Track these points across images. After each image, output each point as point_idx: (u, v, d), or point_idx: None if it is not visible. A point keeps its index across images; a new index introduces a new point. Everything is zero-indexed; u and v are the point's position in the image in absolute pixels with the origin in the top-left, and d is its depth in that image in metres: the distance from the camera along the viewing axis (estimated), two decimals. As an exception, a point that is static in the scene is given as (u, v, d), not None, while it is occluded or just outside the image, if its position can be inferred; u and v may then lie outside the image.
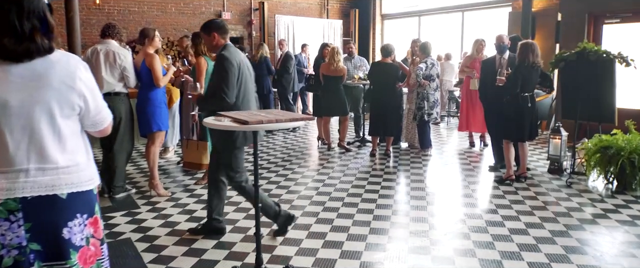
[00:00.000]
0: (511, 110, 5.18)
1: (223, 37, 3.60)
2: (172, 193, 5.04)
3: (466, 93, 7.45)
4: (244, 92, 3.52)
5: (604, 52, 5.08)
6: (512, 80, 5.08)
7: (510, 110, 5.18)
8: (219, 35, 3.57)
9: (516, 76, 5.06)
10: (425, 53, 6.90)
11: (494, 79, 5.36)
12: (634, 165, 4.96)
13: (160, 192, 4.96)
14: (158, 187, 4.96)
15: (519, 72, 5.06)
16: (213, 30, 3.57)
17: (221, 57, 3.43)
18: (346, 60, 8.15)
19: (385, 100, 6.78)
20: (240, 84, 3.48)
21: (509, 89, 5.15)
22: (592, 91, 5.23)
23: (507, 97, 5.20)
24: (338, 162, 6.58)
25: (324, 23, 13.66)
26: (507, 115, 5.24)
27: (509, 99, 5.18)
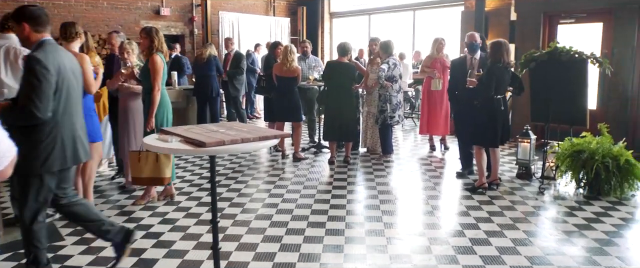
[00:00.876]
0: (484, 114, 4.83)
1: (38, 30, 2.81)
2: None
3: (427, 94, 7.10)
4: (65, 104, 2.81)
5: (576, 53, 4.84)
6: (486, 82, 4.73)
7: (483, 114, 4.84)
8: (31, 27, 2.79)
9: (490, 77, 4.71)
10: (387, 52, 6.46)
11: (465, 80, 4.99)
12: (608, 169, 4.75)
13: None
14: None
15: (492, 73, 4.72)
16: (23, 20, 2.79)
17: (31, 59, 2.65)
18: (300, 60, 7.60)
19: (341, 102, 6.27)
20: (61, 95, 2.77)
21: (481, 91, 4.80)
22: (563, 92, 4.98)
23: (479, 100, 4.85)
24: (295, 172, 6.01)
25: (270, 21, 13.03)
26: (479, 119, 4.89)
27: (481, 102, 4.84)
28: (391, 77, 6.36)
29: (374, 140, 7.07)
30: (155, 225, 4.09)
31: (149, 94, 4.39)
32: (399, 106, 6.52)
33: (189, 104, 8.40)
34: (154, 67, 4.31)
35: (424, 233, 3.91)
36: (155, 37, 4.37)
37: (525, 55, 5.15)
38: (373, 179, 5.60)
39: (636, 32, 6.92)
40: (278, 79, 6.58)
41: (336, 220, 4.21)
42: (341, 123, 6.28)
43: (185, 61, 10.39)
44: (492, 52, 4.78)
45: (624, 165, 4.77)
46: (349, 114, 6.34)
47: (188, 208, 4.54)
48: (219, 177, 5.75)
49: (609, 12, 7.22)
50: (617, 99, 7.09)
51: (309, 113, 7.80)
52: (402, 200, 4.81)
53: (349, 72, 6.30)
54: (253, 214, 4.38)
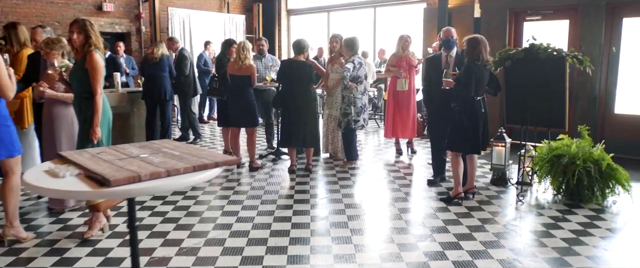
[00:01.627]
0: (464, 117, 4.40)
1: None
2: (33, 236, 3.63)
3: (392, 95, 6.66)
4: None
5: (554, 50, 4.48)
6: (465, 81, 4.30)
7: (463, 117, 4.41)
8: None
9: (469, 77, 4.29)
10: (352, 50, 5.95)
11: (440, 80, 4.55)
12: (591, 175, 4.43)
13: (22, 235, 3.66)
14: (18, 230, 3.64)
15: (471, 72, 4.30)
16: None
17: None
18: (256, 60, 7.01)
19: (300, 104, 5.71)
20: None
21: (460, 92, 4.37)
22: (540, 93, 4.62)
23: (457, 102, 4.43)
24: (252, 183, 5.42)
25: (224, 18, 12.31)
26: (457, 123, 4.46)
27: (460, 105, 4.41)
28: (356, 78, 5.86)
29: (336, 145, 6.57)
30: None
31: (83, 99, 3.71)
32: (364, 109, 6.03)
33: (134, 108, 7.63)
34: (94, 67, 3.64)
35: (401, 256, 3.42)
36: (92, 31, 3.69)
37: (500, 53, 4.76)
38: (338, 190, 5.08)
39: (603, 30, 6.73)
40: (232, 78, 5.96)
41: (299, 243, 3.65)
42: (300, 127, 5.73)
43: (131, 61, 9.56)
44: (469, 49, 4.36)
45: (606, 170, 4.46)
46: (309, 117, 5.80)
47: (120, 207, 3.87)
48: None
49: (575, 9, 7.00)
50: (585, 98, 6.89)
51: (266, 116, 7.22)
52: (372, 215, 4.31)
53: (306, 71, 5.75)
54: (203, 239, 3.76)
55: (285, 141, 5.86)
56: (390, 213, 4.36)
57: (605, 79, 6.81)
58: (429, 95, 5.13)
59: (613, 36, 6.78)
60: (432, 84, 5.06)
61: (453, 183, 4.75)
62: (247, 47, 5.93)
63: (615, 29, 6.76)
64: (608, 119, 6.90)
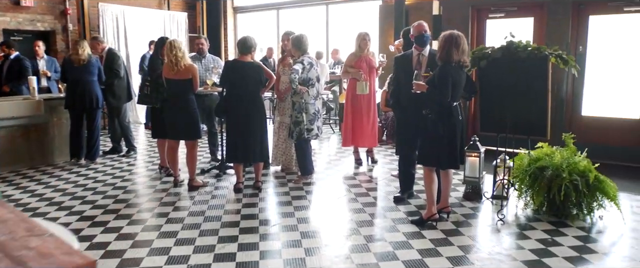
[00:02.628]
0: (439, 126, 3.78)
1: None
2: None
3: (351, 100, 5.98)
4: None
5: (536, 49, 3.94)
6: (440, 86, 3.67)
7: (438, 127, 3.78)
8: None
9: (445, 80, 3.67)
10: (300, 50, 5.22)
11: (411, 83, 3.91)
12: (578, 189, 3.92)
13: None
14: None
15: (447, 74, 3.68)
16: None
17: None
18: (195, 60, 6.16)
19: (247, 113, 4.93)
20: None
21: (434, 97, 3.74)
22: (520, 96, 4.08)
23: (431, 109, 3.80)
24: (190, 208, 4.58)
25: (164, 15, 11.28)
26: (432, 134, 3.83)
27: (436, 112, 3.78)
28: (307, 80, 5.14)
29: (289, 156, 5.83)
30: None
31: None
32: (318, 116, 5.31)
33: (54, 118, 6.58)
34: None
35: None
36: None
37: (474, 52, 4.19)
38: (292, 213, 4.34)
39: (570, 28, 6.36)
40: (168, 83, 5.11)
41: (245, 291, 2.89)
42: (248, 139, 4.94)
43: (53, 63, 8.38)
44: (441, 47, 3.74)
45: (593, 183, 3.97)
46: (258, 127, 5.02)
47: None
48: (95, 212, 4.16)
49: (540, 6, 6.61)
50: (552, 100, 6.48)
51: (209, 124, 6.38)
52: (334, 247, 3.60)
53: (254, 73, 4.97)
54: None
55: (231, 156, 5.05)
56: (355, 243, 3.66)
57: (572, 80, 6.44)
58: (397, 99, 4.48)
59: (579, 35, 6.43)
60: (402, 86, 4.42)
61: (425, 202, 4.13)
62: (177, 46, 5.06)
63: (582, 28, 6.41)
64: (575, 122, 6.55)
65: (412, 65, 4.28)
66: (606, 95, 6.35)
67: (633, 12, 6.04)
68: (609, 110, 6.38)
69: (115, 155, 6.96)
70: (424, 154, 3.96)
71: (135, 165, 6.36)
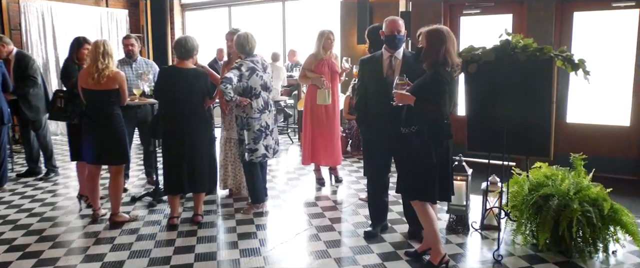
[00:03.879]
0: (432, 151, 2.94)
1: None
2: None
3: (311, 110, 5.09)
4: None
5: (538, 49, 3.16)
6: (438, 96, 2.85)
7: (431, 151, 2.94)
8: None
9: (443, 89, 2.86)
10: (243, 51, 4.27)
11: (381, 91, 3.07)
12: (592, 222, 3.17)
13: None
14: None
15: (444, 83, 2.87)
16: None
17: None
18: (124, 65, 5.17)
19: (189, 131, 3.97)
20: None
21: (427, 113, 2.90)
22: (517, 109, 3.30)
23: (419, 128, 2.96)
24: (106, 254, 3.57)
25: (100, 13, 10.05)
26: (423, 160, 2.97)
27: (428, 131, 2.94)
28: (248, 90, 4.20)
29: (239, 178, 4.89)
30: None
31: None
32: (265, 133, 4.34)
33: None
34: None
35: None
36: None
37: (461, 54, 3.37)
38: (237, 261, 3.41)
39: (553, 26, 5.70)
40: (86, 94, 4.09)
41: None
42: (190, 165, 3.98)
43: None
44: (430, 50, 2.90)
45: (609, 214, 3.24)
46: (204, 149, 4.06)
47: None
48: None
49: (520, 2, 5.93)
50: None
51: (144, 141, 5.37)
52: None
53: (198, 82, 4.01)
54: None
55: (170, 187, 4.06)
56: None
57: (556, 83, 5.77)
58: (364, 112, 3.61)
59: (563, 33, 5.77)
60: (369, 96, 3.56)
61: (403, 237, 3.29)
62: (108, 50, 4.06)
63: (566, 25, 5.76)
64: (560, 129, 5.87)
65: (381, 70, 3.43)
66: (593, 99, 5.72)
67: (622, 7, 5.42)
68: (597, 117, 5.75)
69: (31, 179, 5.81)
70: (414, 187, 3.08)
71: (53, 193, 5.25)
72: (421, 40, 3.04)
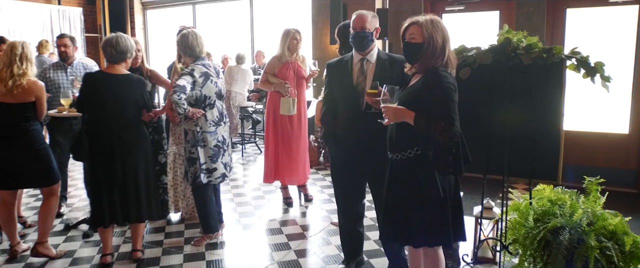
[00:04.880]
0: (438, 183, 2.26)
1: None
2: None
3: (273, 121, 4.43)
4: None
5: (544, 51, 2.56)
6: (450, 109, 2.17)
7: (438, 183, 2.25)
8: None
9: (452, 98, 2.19)
10: (192, 54, 3.60)
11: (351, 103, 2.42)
12: (612, 261, 2.59)
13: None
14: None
15: (451, 89, 2.20)
16: None
17: None
18: (57, 70, 4.46)
19: (121, 150, 3.25)
20: None
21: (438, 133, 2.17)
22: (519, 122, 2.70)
23: (423, 153, 2.28)
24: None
25: (51, 11, 9.18)
26: (431, 196, 2.29)
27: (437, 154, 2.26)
28: (203, 99, 3.53)
29: (192, 201, 4.19)
30: None
31: None
32: (223, 148, 3.68)
33: None
34: None
35: None
36: None
37: (451, 56, 2.74)
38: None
39: (545, 24, 5.16)
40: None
41: None
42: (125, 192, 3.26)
43: None
44: (433, 47, 2.24)
45: (631, 249, 2.66)
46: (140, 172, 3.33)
47: None
48: None
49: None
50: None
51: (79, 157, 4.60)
52: None
53: (131, 91, 3.28)
54: None
55: (100, 218, 3.33)
56: None
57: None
58: (331, 127, 2.95)
59: (555, 32, 5.24)
60: (338, 108, 2.91)
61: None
62: (26, 54, 3.34)
63: (558, 23, 5.23)
64: (552, 138, 5.35)
65: (351, 77, 2.79)
66: (589, 104, 5.19)
67: (620, 4, 4.91)
68: (593, 124, 5.23)
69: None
70: (422, 231, 2.31)
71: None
72: (412, 33, 2.34)
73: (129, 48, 3.29)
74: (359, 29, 2.79)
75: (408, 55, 2.34)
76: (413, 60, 2.31)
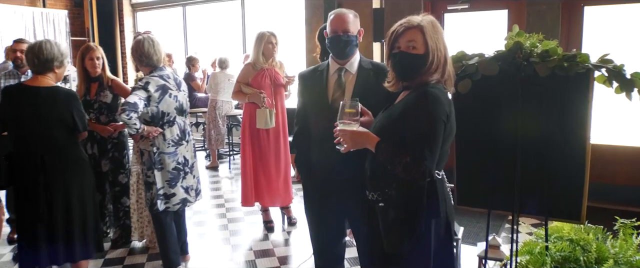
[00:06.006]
0: (414, 239, 1.69)
1: None
2: None
3: (249, 137, 3.90)
4: None
5: (566, 58, 2.00)
6: (429, 138, 1.63)
7: (413, 240, 1.69)
8: None
9: (435, 124, 1.64)
10: (147, 64, 3.12)
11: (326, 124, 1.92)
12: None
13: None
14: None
15: (439, 113, 1.65)
16: None
17: None
18: (9, 78, 4.06)
19: (43, 175, 2.70)
20: None
21: (401, 168, 1.63)
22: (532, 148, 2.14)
23: (389, 192, 1.75)
24: None
25: (33, 13, 8.73)
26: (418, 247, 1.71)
27: (399, 199, 1.72)
28: (160, 116, 3.03)
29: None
30: None
31: None
32: (184, 171, 3.16)
33: None
34: None
35: None
36: None
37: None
38: None
39: (560, 23, 4.58)
40: None
41: None
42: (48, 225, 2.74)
43: None
44: (435, 57, 1.71)
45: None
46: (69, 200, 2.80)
47: None
48: None
49: (517, -6, 4.81)
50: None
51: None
52: None
53: (57, 107, 2.71)
54: None
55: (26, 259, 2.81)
56: None
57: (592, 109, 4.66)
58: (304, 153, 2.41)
59: (572, 32, 4.66)
60: (311, 127, 2.37)
61: None
62: None
63: (575, 22, 4.65)
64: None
65: (326, 91, 2.25)
66: (609, 114, 4.60)
67: (647, -1, 4.32)
68: (614, 136, 4.64)
69: None
70: None
71: None
72: (411, 41, 1.78)
73: (56, 55, 2.76)
74: (341, 31, 2.25)
75: (402, 70, 1.78)
76: (409, 76, 1.77)
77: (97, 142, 3.75)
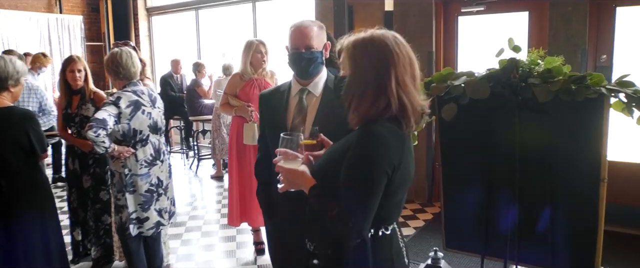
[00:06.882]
0: None
1: None
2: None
3: (236, 153, 3.62)
4: None
5: (574, 80, 1.62)
6: (356, 187, 1.29)
7: None
8: None
9: (369, 170, 1.29)
10: (124, 76, 2.90)
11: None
12: None
13: None
14: None
15: (376, 155, 1.30)
16: None
17: None
18: None
19: (8, 200, 2.50)
20: None
21: (331, 219, 1.31)
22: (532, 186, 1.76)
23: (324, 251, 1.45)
24: None
25: (49, 20, 8.72)
26: None
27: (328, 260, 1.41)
28: (131, 134, 2.80)
29: (135, 251, 3.43)
30: None
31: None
32: (158, 192, 2.91)
33: None
34: None
35: None
36: None
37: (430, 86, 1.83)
38: None
39: (588, 27, 4.11)
40: None
41: None
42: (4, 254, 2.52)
43: None
44: (361, 82, 1.38)
45: None
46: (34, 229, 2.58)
47: None
48: None
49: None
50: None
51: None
52: None
53: (11, 129, 2.50)
54: None
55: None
56: None
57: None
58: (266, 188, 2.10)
59: (601, 37, 4.18)
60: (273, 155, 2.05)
61: None
62: None
63: (605, 26, 4.17)
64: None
65: (286, 116, 1.93)
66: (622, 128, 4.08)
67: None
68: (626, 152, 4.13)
69: None
70: None
71: None
72: (343, 63, 1.51)
73: (10, 74, 2.53)
74: (303, 47, 1.92)
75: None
76: (340, 102, 1.44)
77: (78, 157, 3.55)
